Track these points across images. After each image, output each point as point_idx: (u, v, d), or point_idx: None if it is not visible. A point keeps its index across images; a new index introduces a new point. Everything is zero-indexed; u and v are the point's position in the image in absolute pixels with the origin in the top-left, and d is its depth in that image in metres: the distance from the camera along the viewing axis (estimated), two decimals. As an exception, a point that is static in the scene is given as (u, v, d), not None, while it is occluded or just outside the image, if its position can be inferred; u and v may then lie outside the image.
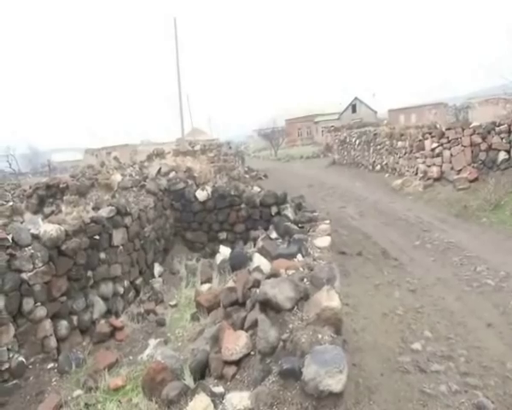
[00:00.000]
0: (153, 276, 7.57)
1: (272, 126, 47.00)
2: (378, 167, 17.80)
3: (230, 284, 5.04)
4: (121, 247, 6.47)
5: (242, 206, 8.59)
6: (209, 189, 9.03)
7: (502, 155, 11.68)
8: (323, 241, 5.39)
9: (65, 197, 9.33)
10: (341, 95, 53.04)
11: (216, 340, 4.17)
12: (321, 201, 12.53)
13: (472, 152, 12.15)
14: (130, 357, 5.04)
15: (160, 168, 11.42)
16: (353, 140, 21.74)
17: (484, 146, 12.03)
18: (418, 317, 4.50)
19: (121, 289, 6.32)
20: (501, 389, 3.21)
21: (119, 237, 6.42)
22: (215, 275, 6.79)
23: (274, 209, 8.29)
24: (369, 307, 4.65)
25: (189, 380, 3.69)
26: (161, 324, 5.90)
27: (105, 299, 5.88)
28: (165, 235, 8.54)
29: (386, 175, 16.02)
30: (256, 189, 10.56)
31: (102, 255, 5.93)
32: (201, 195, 8.87)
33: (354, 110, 52.14)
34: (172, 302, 6.61)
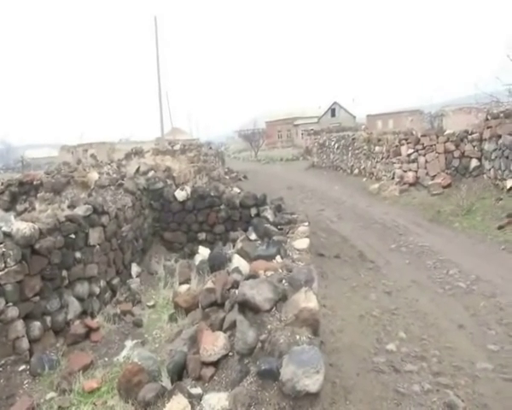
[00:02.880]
0: (130, 276, 7.45)
1: (253, 128, 47.10)
2: (356, 171, 18.12)
3: (209, 284, 5.02)
4: (98, 246, 6.34)
5: (222, 207, 8.57)
6: (188, 189, 8.97)
7: (474, 163, 12.14)
8: (302, 243, 5.46)
9: (39, 194, 9.08)
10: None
11: (194, 341, 4.16)
12: (300, 203, 12.65)
13: (446, 159, 12.57)
14: (106, 359, 4.95)
15: (138, 167, 11.27)
16: (332, 144, 22.07)
17: (457, 153, 12.48)
18: (393, 318, 4.61)
19: (97, 290, 6.19)
20: (470, 388, 3.33)
21: (95, 236, 6.30)
22: (194, 276, 6.76)
23: (253, 211, 8.32)
24: (346, 309, 4.73)
25: (166, 381, 3.66)
26: (138, 325, 5.82)
27: (80, 299, 5.75)
28: (144, 235, 8.42)
29: (364, 179, 16.33)
30: (236, 190, 10.56)
31: (78, 255, 5.80)
32: (180, 195, 8.80)
33: (333, 114, 52.90)
34: (150, 303, 6.53)
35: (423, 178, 12.69)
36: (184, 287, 6.33)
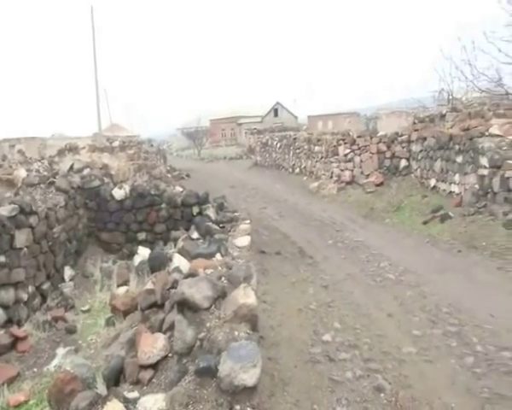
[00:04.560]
0: (63, 280, 7.03)
1: (196, 126, 46.54)
2: (297, 170, 18.66)
3: (149, 285, 4.89)
4: (25, 249, 5.89)
5: (163, 205, 8.39)
6: (127, 187, 8.66)
7: (403, 163, 13.10)
8: (243, 240, 5.53)
9: (-45, 194, 8.21)
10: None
11: (132, 344, 4.02)
12: (242, 201, 12.76)
13: (378, 159, 13.42)
14: (35, 369, 4.62)
15: (72, 164, 10.64)
16: (275, 143, 22.51)
17: (388, 154, 13.38)
18: (329, 311, 4.83)
19: (25, 296, 5.76)
20: (397, 371, 3.60)
21: (22, 238, 5.85)
22: (133, 277, 6.53)
23: (196, 209, 8.24)
24: (285, 304, 4.86)
25: (101, 388, 3.49)
26: (71, 331, 5.50)
27: (5, 307, 5.31)
28: (78, 236, 7.98)
29: (305, 178, 16.86)
30: (178, 188, 10.39)
31: (2, 259, 5.35)
32: (119, 193, 8.46)
33: (276, 114, 53.95)
34: (85, 308, 6.20)
35: (359, 177, 13.42)
36: (123, 289, 6.10)
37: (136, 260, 7.29)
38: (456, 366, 3.69)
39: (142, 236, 8.40)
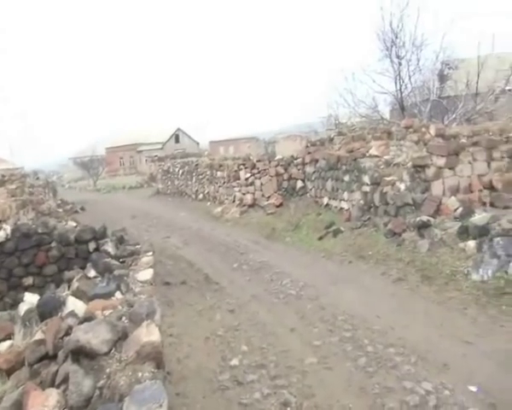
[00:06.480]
0: None
1: (91, 155, 43.70)
2: (201, 196, 18.70)
3: (38, 336, 4.37)
4: None
5: (53, 244, 7.63)
6: (8, 228, 7.69)
7: (299, 184, 14.08)
8: (145, 274, 5.32)
9: None
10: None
11: (19, 407, 3.54)
12: (145, 232, 12.30)
13: (277, 181, 14.22)
14: None
15: None
16: (177, 170, 22.28)
17: (286, 176, 14.27)
18: (236, 334, 4.91)
19: None
20: (301, 383, 3.81)
21: None
22: (18, 329, 5.75)
23: (92, 245, 7.67)
24: (192, 334, 4.81)
25: None
26: None
27: None
28: None
29: (208, 203, 16.98)
30: (71, 224, 9.57)
31: None
32: (-2, 235, 7.47)
33: (177, 140, 53.66)
34: (-44, 374, 5.26)
35: (260, 200, 14.00)
36: (5, 344, 5.31)
37: (22, 308, 6.43)
38: (352, 369, 4.06)
39: (28, 281, 7.47)
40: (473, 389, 3.56)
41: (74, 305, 4.79)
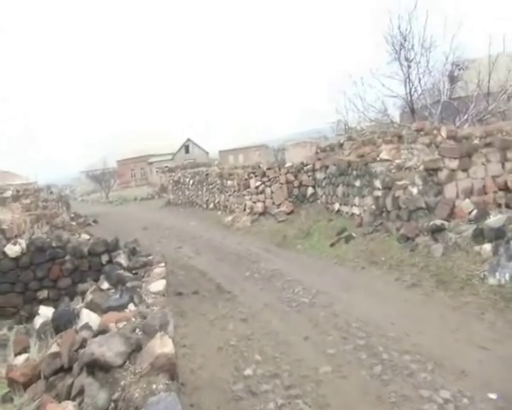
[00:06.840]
0: None
1: (102, 168, 44.37)
2: (211, 206, 18.79)
3: (54, 348, 4.43)
4: None
5: (67, 257, 7.74)
6: (23, 242, 7.83)
7: (310, 190, 14.05)
8: (158, 285, 5.35)
9: None
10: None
11: (36, 420, 3.59)
12: (157, 243, 12.39)
13: (288, 188, 14.21)
14: None
15: (-47, 222, 9.33)
16: (187, 180, 22.45)
17: (296, 183, 14.26)
18: (249, 344, 4.88)
19: None
20: (315, 393, 3.77)
21: None
22: (34, 342, 5.83)
23: (105, 258, 7.76)
24: (205, 344, 4.80)
25: None
26: (-42, 419, 4.68)
27: None
28: (-37, 304, 6.93)
29: (219, 212, 17.04)
30: (84, 237, 9.74)
31: None
32: (13, 250, 7.60)
33: (187, 151, 54.08)
34: (-27, 388, 5.34)
35: (270, 207, 14.00)
36: (22, 358, 5.39)
37: (38, 321, 6.53)
38: (367, 377, 4.00)
39: (43, 294, 7.58)
40: (492, 396, 3.47)
41: (88, 317, 4.84)
